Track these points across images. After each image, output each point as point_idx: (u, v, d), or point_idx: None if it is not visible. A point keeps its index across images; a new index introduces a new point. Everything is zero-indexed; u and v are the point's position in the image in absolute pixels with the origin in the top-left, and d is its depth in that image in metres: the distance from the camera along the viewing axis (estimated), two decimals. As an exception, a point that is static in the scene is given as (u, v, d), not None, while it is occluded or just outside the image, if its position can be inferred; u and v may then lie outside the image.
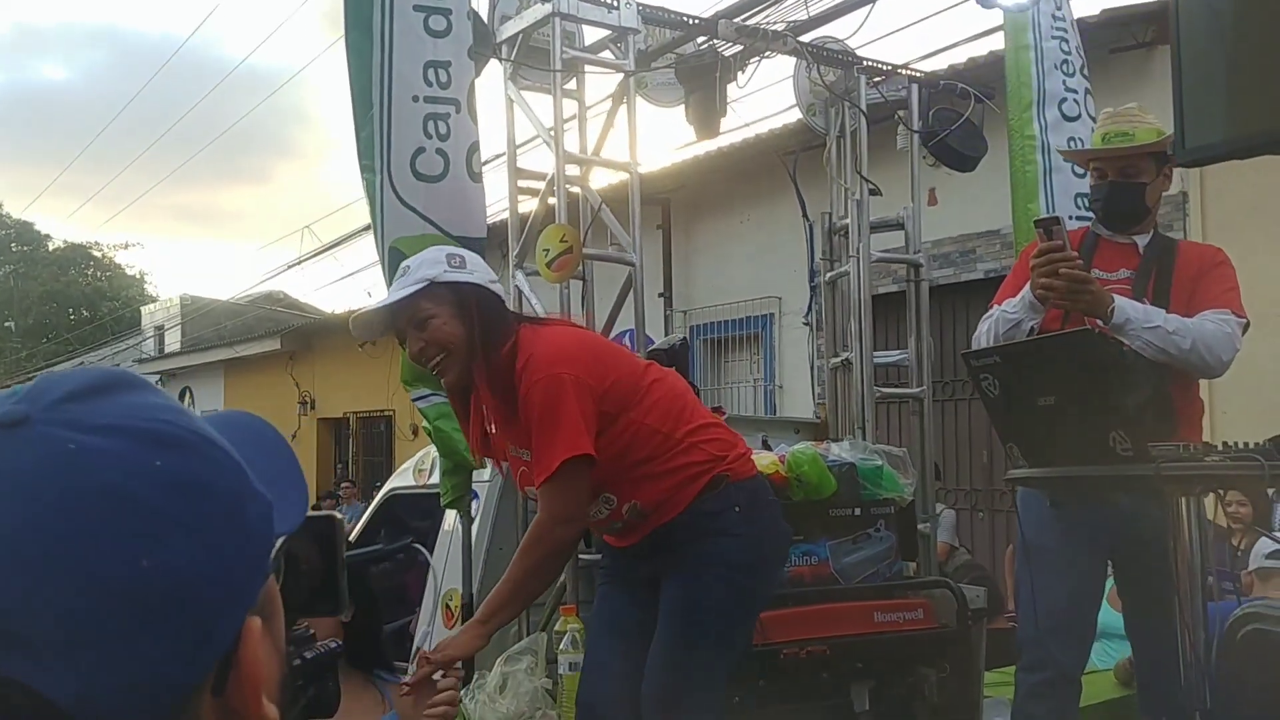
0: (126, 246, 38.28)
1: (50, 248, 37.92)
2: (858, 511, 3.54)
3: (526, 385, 2.46)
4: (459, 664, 2.40)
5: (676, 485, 2.59)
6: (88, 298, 37.04)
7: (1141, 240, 3.22)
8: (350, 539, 4.85)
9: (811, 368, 9.66)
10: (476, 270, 2.55)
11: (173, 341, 24.27)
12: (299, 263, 16.59)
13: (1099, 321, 2.92)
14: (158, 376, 23.20)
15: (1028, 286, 2.97)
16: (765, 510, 2.70)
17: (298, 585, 1.06)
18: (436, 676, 2.30)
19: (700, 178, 10.06)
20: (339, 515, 1.13)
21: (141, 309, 28.68)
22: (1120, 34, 6.59)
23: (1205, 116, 1.71)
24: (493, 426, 2.69)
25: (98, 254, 38.08)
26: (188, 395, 21.90)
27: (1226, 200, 6.71)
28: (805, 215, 9.80)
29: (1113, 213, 3.22)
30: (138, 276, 39.86)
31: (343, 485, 14.35)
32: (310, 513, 1.21)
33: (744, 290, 10.20)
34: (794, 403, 9.82)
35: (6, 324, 36.71)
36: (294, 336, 17.74)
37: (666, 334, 9.82)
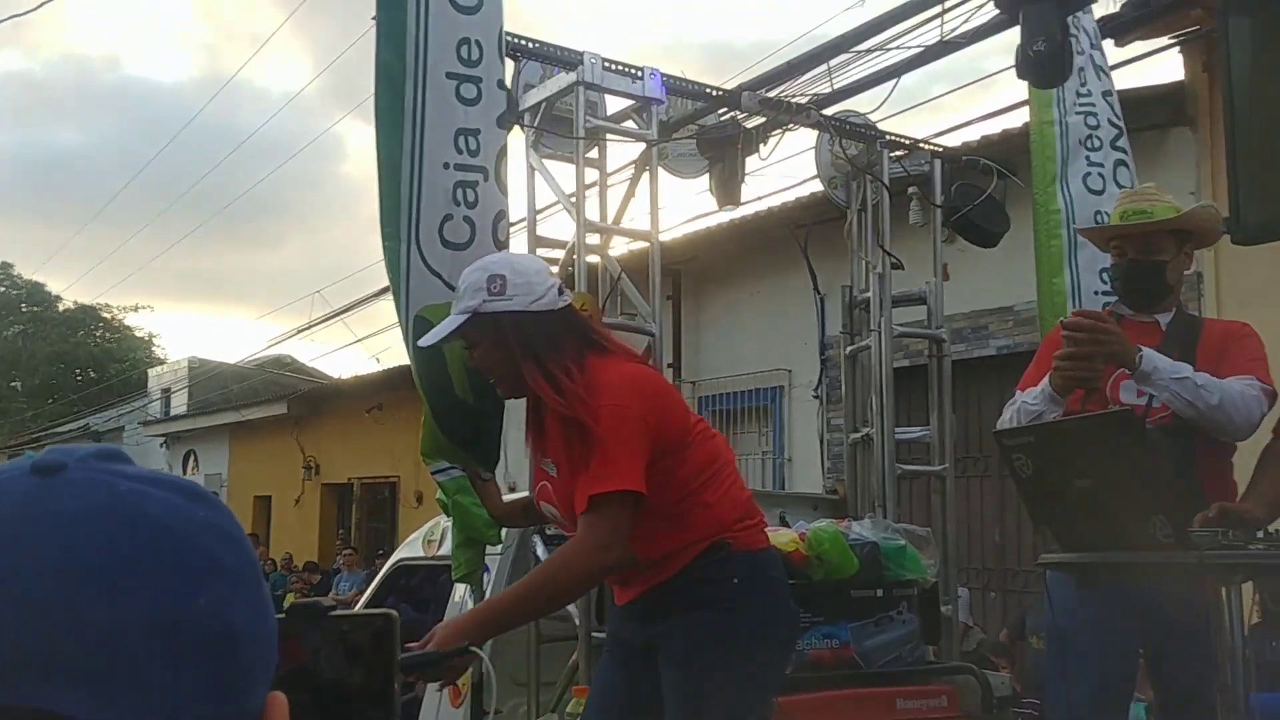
0: (136, 309, 38.36)
1: (60, 308, 38.06)
2: (880, 593, 3.44)
3: (593, 407, 2.38)
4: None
5: (677, 546, 2.48)
6: (96, 359, 37.07)
7: (1164, 318, 3.17)
8: (359, 606, 4.76)
9: (821, 441, 9.60)
10: (517, 293, 2.47)
11: (179, 404, 24.25)
12: (308, 328, 16.60)
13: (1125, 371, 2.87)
14: (163, 439, 23.17)
15: (1047, 378, 2.91)
16: (769, 586, 2.56)
17: (346, 687, 0.99)
18: None
19: (711, 249, 10.07)
20: (395, 614, 1.06)
21: (149, 371, 28.68)
22: (1135, 116, 6.61)
23: (1262, 193, 1.65)
24: (528, 441, 2.65)
25: (107, 315, 38.21)
26: (192, 458, 21.82)
27: (1241, 280, 6.67)
28: (816, 288, 9.79)
29: (1133, 290, 3.18)
30: (146, 339, 39.96)
31: (344, 552, 14.19)
32: (368, 610, 1.13)
33: (754, 362, 10.17)
34: (803, 476, 9.72)
35: (13, 384, 36.70)
36: (300, 401, 17.71)
37: (676, 405, 9.75)
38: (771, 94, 4.05)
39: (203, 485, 0.70)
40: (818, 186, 4.85)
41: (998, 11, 3.14)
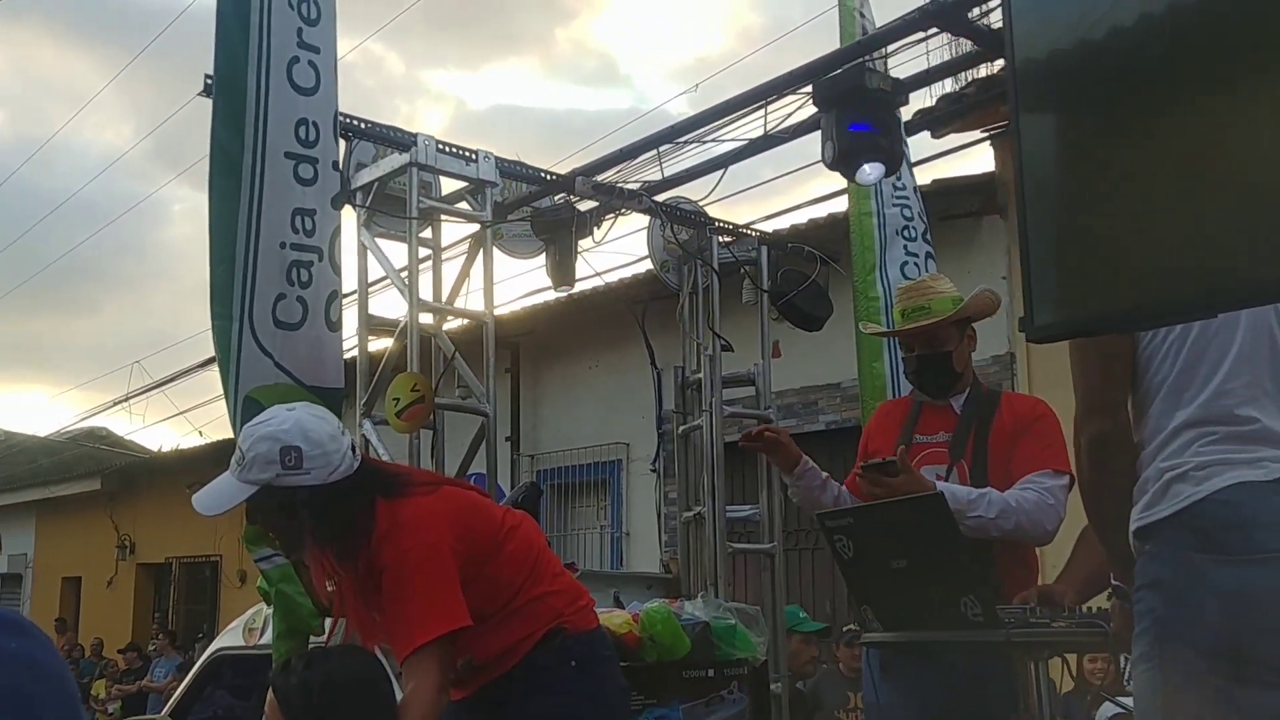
0: (-64, 377, 35.90)
1: None
2: (711, 673, 3.47)
3: (394, 552, 2.38)
4: None
5: (516, 640, 2.53)
6: (-114, 431, 34.38)
7: (958, 401, 3.29)
8: (174, 699, 4.50)
9: (659, 515, 9.65)
10: (314, 466, 2.37)
11: (-20, 480, 22.63)
12: (126, 399, 15.76)
13: None
14: (-40, 517, 21.56)
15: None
16: (602, 665, 2.65)
17: None
18: None
19: (550, 323, 10.10)
20: None
21: (-53, 444, 26.72)
22: (951, 203, 7.00)
23: (1053, 295, 1.74)
24: (332, 587, 2.58)
25: (-98, 383, 35.56)
26: (-8, 538, 20.38)
27: (1051, 359, 7.05)
28: (654, 363, 9.90)
29: (925, 383, 3.32)
30: (-55, 409, 37.31)
31: (158, 636, 13.38)
32: None
33: (592, 436, 10.18)
34: (641, 550, 9.72)
35: None
36: (116, 476, 16.79)
37: (513, 479, 9.68)
38: (604, 179, 4.14)
39: (22, 615, 0.68)
40: (653, 265, 4.95)
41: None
